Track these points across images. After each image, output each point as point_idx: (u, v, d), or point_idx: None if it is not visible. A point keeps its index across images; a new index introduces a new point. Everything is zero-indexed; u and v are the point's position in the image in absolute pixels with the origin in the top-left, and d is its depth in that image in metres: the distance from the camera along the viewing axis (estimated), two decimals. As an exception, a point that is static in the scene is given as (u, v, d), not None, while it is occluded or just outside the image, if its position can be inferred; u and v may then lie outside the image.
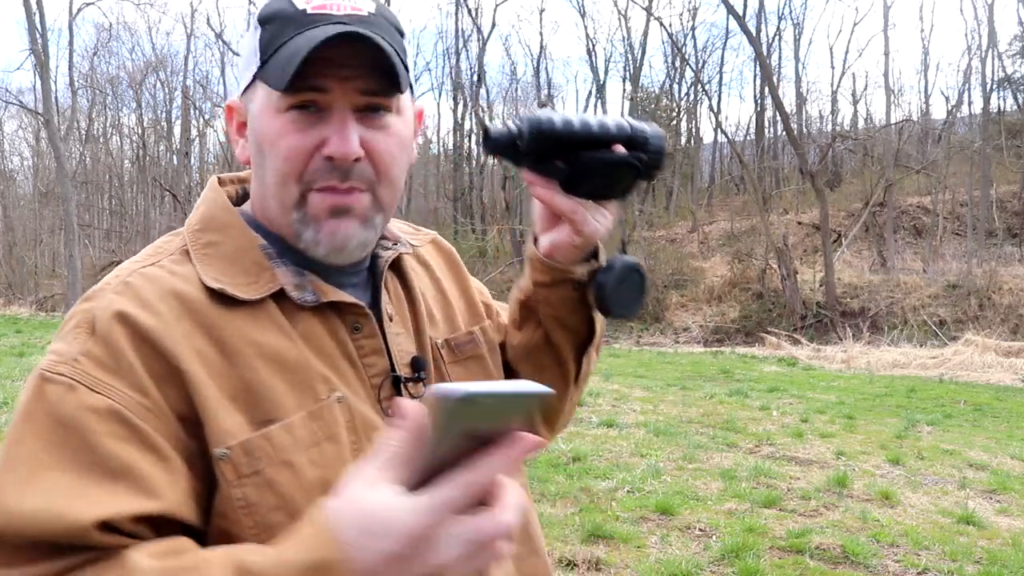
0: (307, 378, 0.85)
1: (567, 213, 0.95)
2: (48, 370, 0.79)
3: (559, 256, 0.99)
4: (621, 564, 4.18)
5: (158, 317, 0.82)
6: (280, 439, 0.82)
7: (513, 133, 0.92)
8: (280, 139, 0.86)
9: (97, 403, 0.77)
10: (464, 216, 27.19)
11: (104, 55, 33.53)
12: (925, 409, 9.18)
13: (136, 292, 0.84)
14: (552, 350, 1.07)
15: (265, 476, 0.80)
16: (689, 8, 35.19)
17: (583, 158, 0.92)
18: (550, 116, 0.92)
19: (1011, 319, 16.79)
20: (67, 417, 0.76)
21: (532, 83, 30.71)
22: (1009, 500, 5.57)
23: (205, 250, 0.89)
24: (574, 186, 0.94)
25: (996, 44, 26.20)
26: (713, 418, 8.12)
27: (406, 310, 1.00)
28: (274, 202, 0.89)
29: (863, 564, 4.28)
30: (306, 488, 0.82)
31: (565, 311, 1.04)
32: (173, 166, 32.49)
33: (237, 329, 0.84)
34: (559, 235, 0.98)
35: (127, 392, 0.78)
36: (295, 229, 0.89)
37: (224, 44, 30.83)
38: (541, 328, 1.06)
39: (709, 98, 29.76)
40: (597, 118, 0.95)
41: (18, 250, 30.08)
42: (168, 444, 0.78)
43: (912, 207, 23.87)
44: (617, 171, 0.94)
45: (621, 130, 0.94)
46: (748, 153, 27.46)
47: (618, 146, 0.93)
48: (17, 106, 28.06)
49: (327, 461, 0.83)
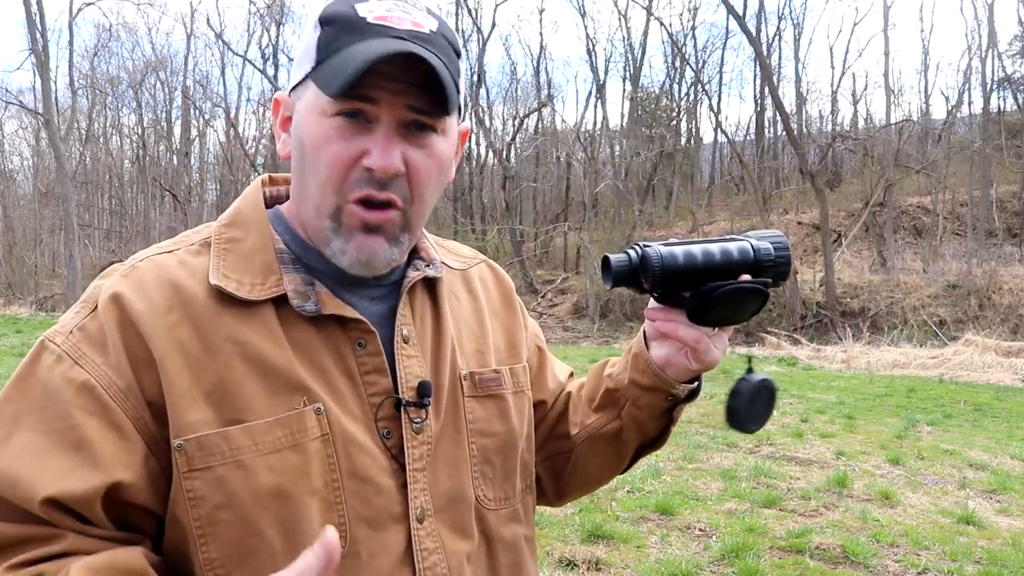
0: (285, 385, 0.85)
1: (691, 344, 0.96)
2: (48, 337, 0.85)
3: (670, 372, 1.00)
4: (621, 564, 4.18)
5: (149, 304, 0.84)
6: (238, 440, 0.82)
7: (635, 264, 0.93)
8: (324, 145, 0.85)
9: (76, 375, 0.82)
10: (464, 216, 27.18)
11: (104, 55, 33.57)
12: (925, 409, 9.18)
13: (139, 276, 0.87)
14: (618, 445, 1.08)
15: (216, 473, 0.81)
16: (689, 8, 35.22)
17: (709, 291, 0.92)
18: (671, 251, 0.92)
19: (1011, 319, 16.79)
20: (49, 384, 0.82)
21: (532, 83, 30.73)
22: (1009, 500, 5.56)
23: (226, 245, 0.90)
24: (699, 316, 0.94)
25: (996, 44, 26.21)
26: (713, 418, 8.12)
27: (429, 333, 0.97)
28: (310, 204, 0.89)
29: (863, 564, 4.28)
30: (256, 492, 0.82)
31: (649, 416, 1.04)
32: (173, 166, 32.49)
33: (224, 327, 0.85)
34: (676, 355, 0.99)
35: (105, 371, 0.82)
36: (326, 236, 0.88)
37: (224, 44, 30.83)
38: (619, 421, 1.06)
39: (709, 98, 29.78)
40: (719, 244, 0.94)
41: (18, 250, 30.07)
42: (133, 426, 0.82)
43: (912, 207, 23.86)
44: (745, 299, 0.94)
45: (745, 256, 0.94)
46: (748, 153, 27.46)
47: (744, 275, 0.94)
48: (17, 106, 28.10)
49: (286, 469, 0.83)
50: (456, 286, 1.04)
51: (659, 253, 0.91)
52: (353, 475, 0.86)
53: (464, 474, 0.94)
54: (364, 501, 0.86)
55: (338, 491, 0.85)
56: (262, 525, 0.82)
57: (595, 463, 1.10)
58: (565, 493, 1.14)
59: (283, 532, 0.82)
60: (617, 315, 20.82)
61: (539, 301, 22.18)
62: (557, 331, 19.31)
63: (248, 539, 0.82)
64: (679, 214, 27.78)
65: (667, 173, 27.98)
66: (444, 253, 1.06)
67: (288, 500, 0.82)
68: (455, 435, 0.94)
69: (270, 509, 0.82)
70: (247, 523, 0.81)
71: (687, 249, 0.93)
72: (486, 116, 28.20)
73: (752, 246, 0.95)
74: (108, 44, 33.29)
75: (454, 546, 0.91)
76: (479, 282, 1.08)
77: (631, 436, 1.06)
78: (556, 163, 28.72)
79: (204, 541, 0.82)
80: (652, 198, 27.55)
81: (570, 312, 21.63)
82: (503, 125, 30.30)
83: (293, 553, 0.79)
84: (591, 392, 1.09)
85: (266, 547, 0.82)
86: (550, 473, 1.12)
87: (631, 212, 23.36)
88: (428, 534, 0.89)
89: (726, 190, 30.88)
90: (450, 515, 0.92)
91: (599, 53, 38.88)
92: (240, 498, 0.81)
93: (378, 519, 0.87)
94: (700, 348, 0.96)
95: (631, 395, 1.03)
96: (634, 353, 1.02)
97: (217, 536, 0.81)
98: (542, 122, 29.09)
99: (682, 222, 26.86)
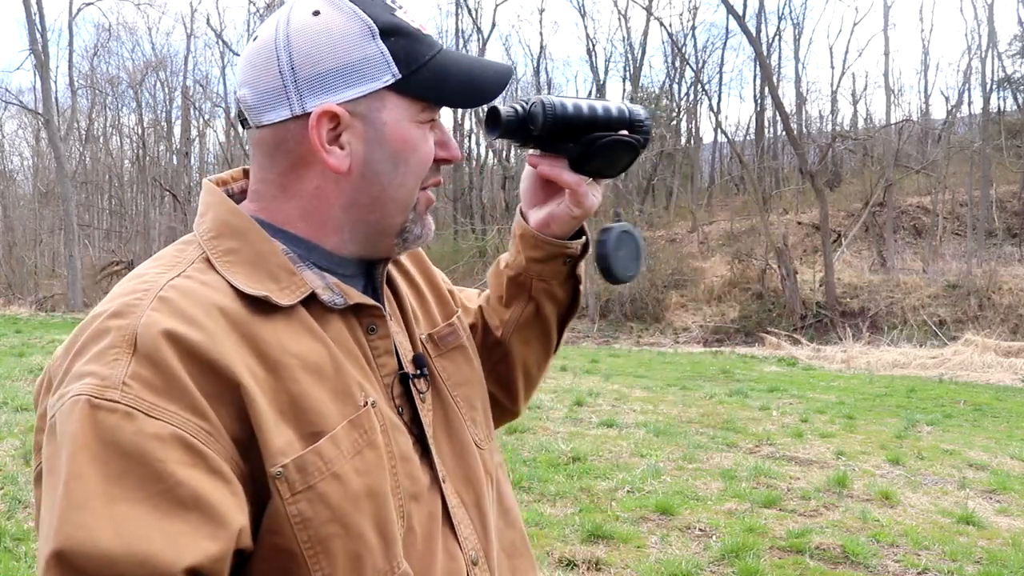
0: (345, 386, 0.86)
1: (572, 186, 1.03)
2: (96, 396, 0.73)
3: (555, 228, 1.07)
4: (621, 564, 4.18)
5: (206, 332, 0.78)
6: (328, 452, 0.82)
7: (523, 116, 1.01)
8: (422, 147, 0.92)
9: (159, 430, 0.73)
10: (464, 216, 27.19)
11: (104, 55, 33.58)
12: (925, 409, 9.18)
13: (176, 307, 0.79)
14: (541, 323, 1.15)
15: (317, 491, 0.80)
16: (689, 8, 35.23)
17: (592, 140, 1.02)
18: (562, 101, 1.02)
19: (1011, 319, 16.80)
20: (129, 446, 0.72)
21: (532, 83, 30.69)
22: (1009, 500, 5.57)
23: (227, 257, 0.87)
24: (582, 165, 1.03)
25: (996, 44, 26.21)
26: (713, 418, 8.12)
27: (396, 309, 1.02)
28: (393, 207, 0.93)
29: (863, 564, 4.28)
30: (353, 497, 0.82)
31: (557, 284, 1.12)
32: (173, 166, 32.50)
33: (278, 340, 0.83)
34: (557, 208, 1.06)
35: (186, 416, 0.74)
36: (406, 227, 0.94)
37: (224, 44, 30.82)
38: (532, 302, 1.13)
39: (709, 98, 29.79)
40: (601, 103, 1.05)
41: (18, 250, 30.08)
42: (230, 468, 0.77)
43: (912, 207, 23.86)
44: (621, 151, 1.04)
45: (622, 115, 1.05)
46: (748, 153, 27.46)
47: (622, 130, 1.04)
48: (17, 106, 28.13)
49: (369, 468, 0.84)
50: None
51: (551, 102, 1.00)
52: (401, 457, 0.90)
53: (459, 427, 1.00)
54: (410, 478, 0.90)
55: (396, 476, 0.88)
56: (363, 527, 0.83)
57: (529, 351, 1.17)
58: (516, 396, 1.21)
59: (378, 529, 0.84)
60: (617, 315, 20.83)
61: (539, 301, 22.18)
62: (557, 331, 19.30)
63: (354, 544, 0.82)
64: (679, 214, 27.77)
65: (667, 173, 27.99)
66: None
67: (377, 497, 0.85)
68: (438, 395, 1.00)
69: (366, 510, 0.83)
70: (351, 529, 0.82)
71: (575, 102, 1.02)
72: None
73: (628, 107, 1.06)
74: (108, 44, 33.35)
75: (469, 497, 0.98)
76: None
77: (548, 310, 1.14)
78: (556, 163, 28.68)
79: (316, 560, 0.80)
80: (652, 198, 27.56)
81: (570, 312, 21.61)
82: (503, 125, 30.29)
83: (386, 547, 0.83)
84: (497, 290, 1.16)
85: (367, 546, 0.83)
86: (498, 385, 1.18)
87: (631, 212, 23.37)
88: (452, 493, 0.96)
89: (726, 190, 30.88)
90: (461, 469, 0.98)
91: (599, 53, 38.93)
92: (343, 508, 0.81)
93: (420, 492, 0.91)
94: (581, 191, 1.04)
95: (534, 272, 1.10)
96: (519, 235, 1.10)
97: (329, 551, 0.81)
98: (542, 122, 29.07)
99: (682, 222, 26.86)
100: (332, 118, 0.87)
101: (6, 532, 4.45)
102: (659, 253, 22.49)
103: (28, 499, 5.14)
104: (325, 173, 0.89)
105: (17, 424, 7.09)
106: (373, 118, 0.88)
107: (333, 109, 0.87)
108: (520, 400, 1.22)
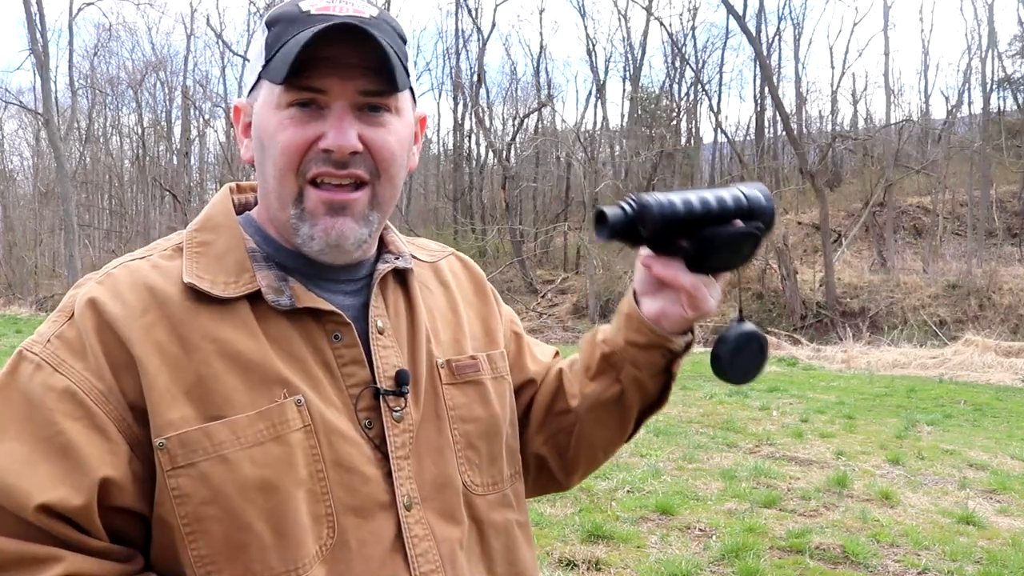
0: (264, 378, 0.86)
1: (689, 290, 0.96)
2: (26, 348, 0.86)
3: (665, 325, 1.00)
4: (621, 564, 4.18)
5: (125, 307, 0.85)
6: (219, 435, 0.83)
7: (632, 216, 0.92)
8: (279, 132, 0.87)
9: (57, 383, 0.83)
10: (464, 216, 27.18)
11: (104, 55, 33.55)
12: (925, 409, 9.18)
13: (113, 282, 0.88)
14: (620, 409, 1.07)
15: (199, 469, 0.82)
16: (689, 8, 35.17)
17: (708, 236, 0.94)
18: (670, 199, 0.93)
19: (1011, 319, 16.79)
20: (31, 393, 0.83)
21: (532, 83, 30.68)
22: (1009, 500, 5.56)
23: (197, 248, 0.91)
24: (699, 264, 0.95)
25: (996, 44, 26.19)
26: (713, 418, 8.12)
27: (404, 324, 0.98)
28: (274, 198, 0.91)
29: (863, 564, 4.28)
30: (242, 486, 0.82)
31: (648, 375, 1.04)
32: (173, 166, 32.46)
33: (201, 325, 0.86)
34: (671, 307, 0.99)
35: (86, 375, 0.83)
36: (292, 225, 0.90)
37: (224, 44, 30.82)
38: (618, 385, 1.06)
39: (709, 98, 29.73)
40: (712, 193, 0.96)
41: (18, 250, 30.09)
42: (116, 428, 0.83)
43: (912, 207, 23.86)
44: (741, 243, 0.96)
45: (738, 202, 0.96)
46: (748, 153, 27.45)
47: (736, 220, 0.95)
48: (17, 106, 28.11)
49: (270, 461, 0.84)
50: (427, 278, 1.05)
51: (659, 201, 0.92)
52: (338, 465, 0.87)
53: (449, 460, 0.95)
54: (350, 490, 0.87)
55: (323, 481, 0.86)
56: (250, 518, 0.82)
57: (600, 432, 1.10)
58: (573, 470, 1.14)
59: (271, 524, 0.83)
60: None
61: (539, 301, 22.17)
62: (557, 331, 19.30)
63: (237, 533, 0.82)
64: (679, 214, 27.77)
65: (667, 173, 27.96)
66: (413, 248, 1.08)
67: (274, 492, 0.83)
68: (436, 422, 0.96)
69: (256, 502, 0.83)
70: (234, 517, 0.82)
71: (684, 197, 0.94)
72: (486, 116, 28.19)
73: (744, 193, 0.97)
74: (108, 44, 33.30)
75: (444, 532, 0.92)
76: (450, 274, 1.10)
77: (632, 398, 1.06)
78: (556, 163, 28.70)
79: (193, 538, 0.82)
80: (652, 198, 27.51)
81: (570, 312, 21.62)
82: (503, 125, 30.30)
83: (283, 545, 0.82)
84: (586, 361, 1.08)
85: (256, 539, 0.83)
86: (555, 452, 1.11)
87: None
88: (417, 521, 0.90)
89: (726, 190, 30.87)
90: (438, 502, 0.93)
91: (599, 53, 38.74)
92: (225, 492, 0.82)
93: (365, 508, 0.88)
94: (699, 295, 0.96)
95: (629, 356, 1.03)
96: (626, 314, 1.02)
97: (205, 532, 0.82)
98: (542, 122, 29.09)
99: (682, 222, 26.87)
100: (237, 111, 0.95)
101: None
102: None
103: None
104: None
105: (17, 424, 7.09)
106: (255, 109, 0.92)
107: (239, 103, 0.95)
108: (575, 475, 1.15)
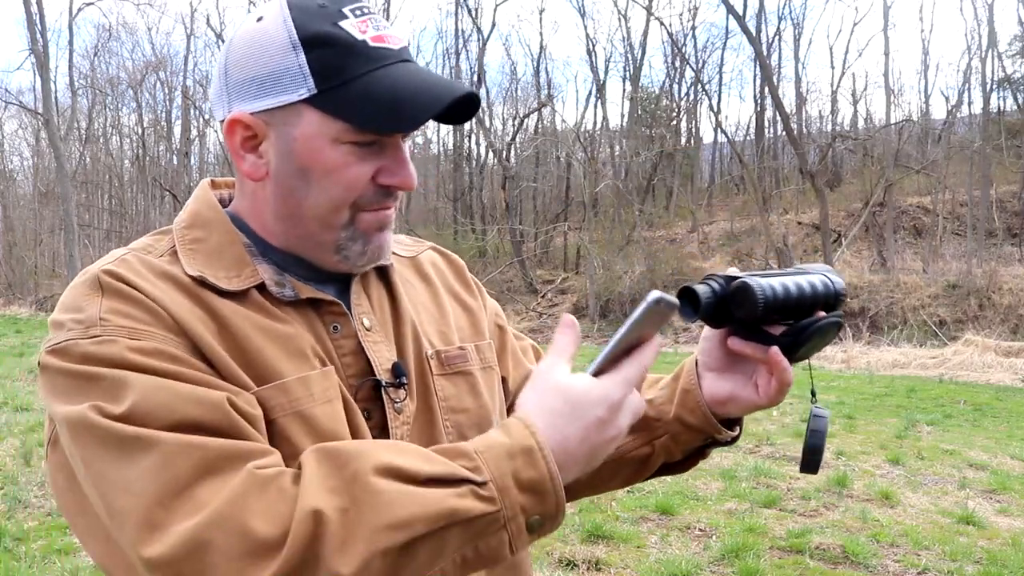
0: (299, 351, 0.86)
1: (788, 381, 0.94)
2: (80, 337, 0.79)
3: (730, 409, 0.99)
4: (621, 564, 4.19)
5: (150, 283, 0.83)
6: (295, 390, 0.83)
7: (721, 295, 0.90)
8: (342, 170, 0.87)
9: (144, 345, 0.79)
10: (464, 216, 27.17)
11: (104, 55, 33.54)
12: (925, 409, 9.18)
13: (132, 266, 0.85)
14: (641, 467, 1.08)
15: (278, 426, 0.81)
16: (689, 8, 35.16)
17: (806, 326, 0.91)
18: (771, 284, 0.89)
19: (1011, 319, 16.78)
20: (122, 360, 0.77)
21: (532, 83, 30.67)
22: (1009, 500, 5.57)
23: (191, 246, 0.90)
24: (791, 352, 0.92)
25: (996, 44, 26.16)
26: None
27: (389, 319, 0.98)
28: (315, 224, 0.89)
29: (863, 564, 4.28)
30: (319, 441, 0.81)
31: (681, 452, 1.04)
32: (173, 166, 32.46)
33: (227, 306, 0.85)
34: (742, 390, 0.98)
35: (161, 332, 0.80)
36: (340, 244, 0.90)
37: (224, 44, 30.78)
38: (649, 448, 1.06)
39: (709, 98, 29.71)
40: (806, 279, 0.93)
41: (18, 250, 30.09)
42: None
43: (912, 207, 23.85)
44: (829, 334, 0.94)
45: (828, 289, 0.94)
46: (748, 153, 27.44)
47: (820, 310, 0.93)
48: (17, 106, 28.10)
49: (340, 418, 0.85)
50: (407, 273, 1.05)
51: (760, 285, 0.88)
52: None
53: None
54: None
55: None
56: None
57: (609, 478, 1.10)
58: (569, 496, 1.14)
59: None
60: (617, 315, 20.81)
61: (539, 301, 22.17)
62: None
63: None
64: (679, 214, 27.77)
65: (667, 173, 27.96)
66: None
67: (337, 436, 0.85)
68: (428, 414, 0.96)
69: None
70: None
71: (783, 283, 0.90)
72: (486, 116, 28.16)
73: (832, 280, 0.95)
74: (108, 44, 33.29)
75: None
76: (431, 267, 1.10)
77: (656, 462, 1.07)
78: (556, 163, 28.69)
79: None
80: (652, 198, 27.54)
81: (570, 312, 21.60)
82: (503, 125, 30.30)
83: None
84: None
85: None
86: None
87: (631, 212, 23.37)
88: None
89: (726, 190, 30.87)
90: None
91: (599, 53, 38.72)
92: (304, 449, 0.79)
93: None
94: (788, 384, 0.94)
95: (672, 430, 1.02)
96: (684, 389, 1.01)
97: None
98: (542, 122, 29.07)
99: (682, 222, 26.86)
100: (245, 127, 0.88)
101: (6, 532, 4.45)
102: (659, 253, 22.48)
103: (28, 499, 5.14)
104: None
105: (17, 424, 7.09)
106: (285, 131, 0.87)
107: (242, 118, 0.87)
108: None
